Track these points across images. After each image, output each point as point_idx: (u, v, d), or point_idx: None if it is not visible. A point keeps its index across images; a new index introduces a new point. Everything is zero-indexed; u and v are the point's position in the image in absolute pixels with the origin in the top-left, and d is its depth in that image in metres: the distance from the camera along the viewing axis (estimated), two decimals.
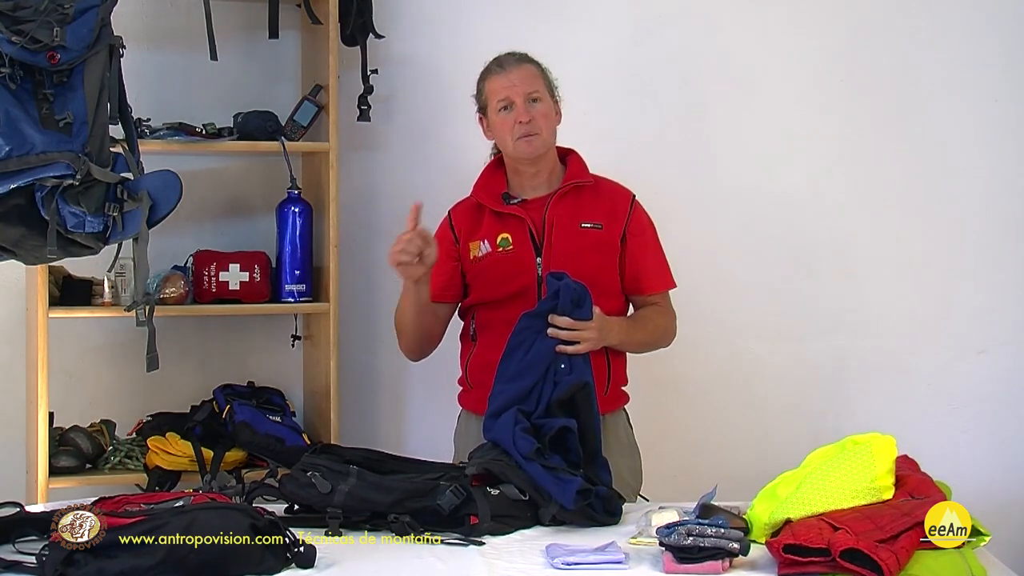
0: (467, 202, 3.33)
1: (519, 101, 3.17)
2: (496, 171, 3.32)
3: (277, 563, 2.37)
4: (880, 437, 2.63)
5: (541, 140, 3.19)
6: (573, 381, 2.86)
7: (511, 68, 3.22)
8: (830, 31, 4.23)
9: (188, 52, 3.78)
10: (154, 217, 3.00)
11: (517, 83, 3.19)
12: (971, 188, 4.29)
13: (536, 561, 2.48)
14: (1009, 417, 4.32)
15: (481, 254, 3.24)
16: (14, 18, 2.80)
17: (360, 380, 4.01)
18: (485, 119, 3.28)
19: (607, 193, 3.28)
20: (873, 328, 4.26)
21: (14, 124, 2.80)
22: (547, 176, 3.26)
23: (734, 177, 4.17)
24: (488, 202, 3.25)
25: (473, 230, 3.26)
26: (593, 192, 3.26)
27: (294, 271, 3.71)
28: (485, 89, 3.25)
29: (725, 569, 2.39)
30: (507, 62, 3.24)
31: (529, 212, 3.22)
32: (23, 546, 2.41)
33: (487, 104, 3.24)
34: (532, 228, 3.20)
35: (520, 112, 3.17)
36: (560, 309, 2.94)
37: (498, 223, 3.24)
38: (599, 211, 3.24)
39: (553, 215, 3.20)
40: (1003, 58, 4.30)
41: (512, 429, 2.77)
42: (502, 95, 3.19)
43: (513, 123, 3.17)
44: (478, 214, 3.27)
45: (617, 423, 3.28)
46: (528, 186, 3.26)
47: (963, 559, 2.40)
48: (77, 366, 3.82)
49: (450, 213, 3.33)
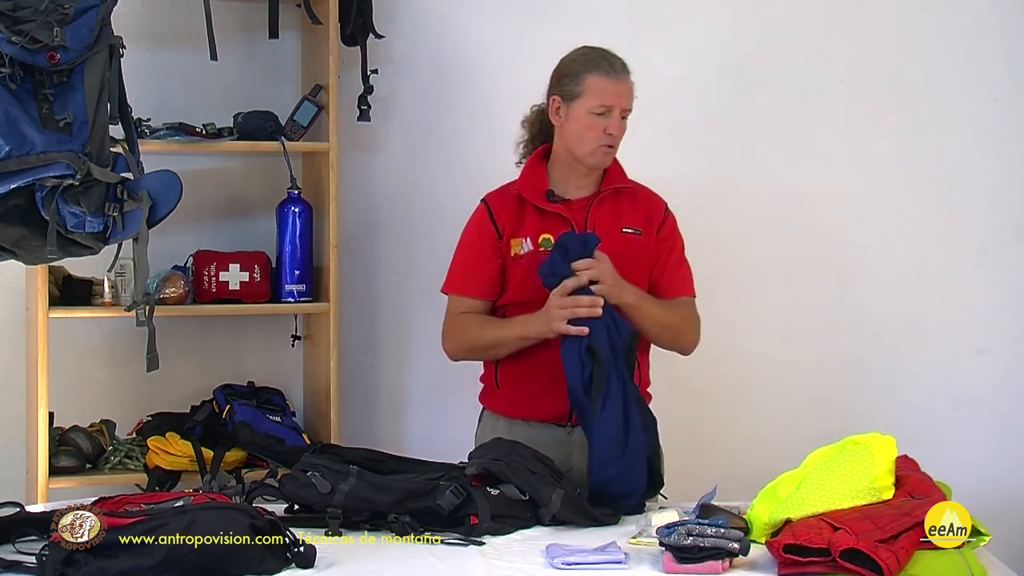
0: (507, 193, 3.25)
1: (617, 112, 3.11)
2: (539, 165, 3.24)
3: (277, 563, 2.37)
4: (880, 437, 2.63)
5: (614, 153, 3.17)
6: (629, 331, 2.94)
7: (622, 77, 3.13)
8: (830, 31, 4.23)
9: (188, 52, 3.78)
10: (154, 217, 2.99)
11: (624, 95, 3.12)
12: (971, 188, 4.30)
13: (536, 561, 2.48)
14: (1009, 417, 4.32)
15: (523, 252, 3.17)
16: (14, 18, 2.80)
17: (360, 380, 4.01)
18: (564, 106, 3.16)
19: (644, 199, 3.24)
20: (873, 328, 4.26)
21: (14, 124, 2.80)
22: (595, 177, 3.20)
23: (734, 177, 4.18)
24: (531, 198, 3.19)
25: (516, 226, 3.19)
26: (631, 197, 3.22)
27: (294, 271, 3.71)
28: (585, 82, 3.12)
29: (725, 569, 2.39)
30: (618, 67, 3.13)
31: (572, 212, 3.16)
32: (23, 546, 2.41)
33: (579, 96, 3.12)
34: (575, 229, 3.14)
35: (615, 125, 3.11)
36: (571, 255, 2.95)
37: (540, 221, 3.17)
38: (638, 217, 3.20)
39: (595, 218, 3.16)
40: (1003, 58, 4.30)
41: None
42: (607, 100, 3.10)
43: (602, 131, 3.10)
44: (520, 209, 3.20)
45: None
46: (574, 186, 3.20)
47: (963, 559, 2.40)
48: (77, 366, 3.82)
49: (489, 204, 3.25)
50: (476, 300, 3.21)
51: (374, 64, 3.86)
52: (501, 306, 3.22)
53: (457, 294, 3.24)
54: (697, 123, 4.18)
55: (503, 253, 3.19)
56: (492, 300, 3.22)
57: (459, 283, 3.25)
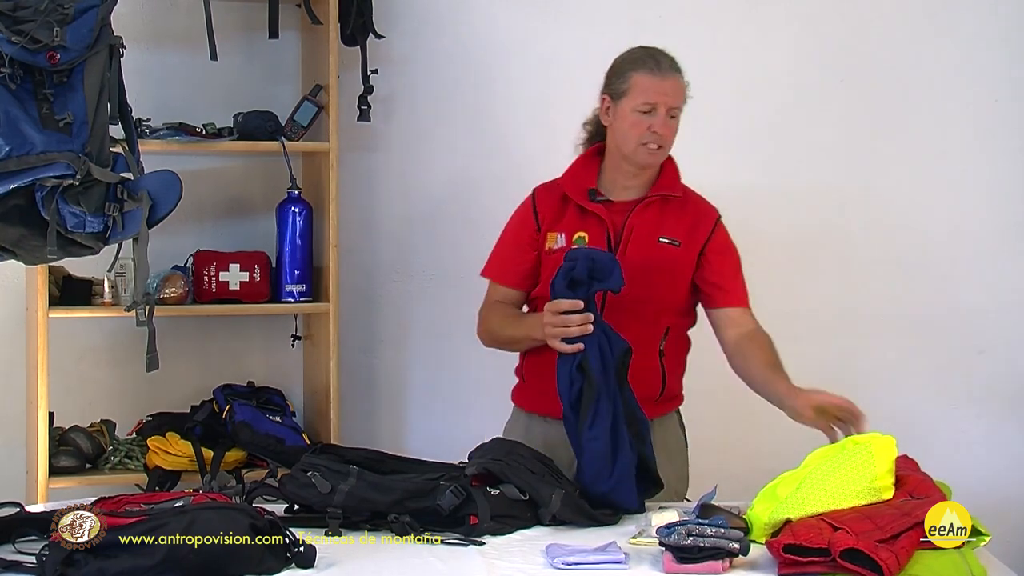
0: (553, 187, 3.22)
1: (663, 111, 3.07)
2: (590, 163, 3.22)
3: (277, 563, 2.37)
4: (880, 437, 2.63)
5: (663, 153, 3.13)
6: (622, 348, 2.87)
7: (667, 74, 3.09)
8: (830, 31, 4.23)
9: (188, 52, 3.78)
10: (154, 217, 2.99)
11: (669, 92, 3.08)
12: (971, 188, 4.30)
13: (536, 561, 2.48)
14: (1009, 417, 4.32)
15: (556, 247, 3.14)
16: (14, 18, 2.80)
17: (360, 380, 4.01)
18: (613, 105, 3.13)
19: (692, 209, 3.19)
20: (873, 328, 4.26)
21: (14, 124, 2.79)
22: (644, 180, 3.17)
23: (733, 177, 4.17)
24: (574, 195, 3.16)
25: (555, 220, 3.17)
26: (679, 206, 3.17)
27: (294, 271, 3.71)
28: (631, 80, 3.10)
29: (725, 569, 2.39)
30: (664, 64, 3.10)
31: (612, 215, 3.13)
32: (23, 546, 2.41)
33: (625, 94, 3.10)
34: (610, 232, 3.11)
35: (660, 123, 3.07)
36: (577, 275, 2.86)
37: (579, 219, 3.15)
38: (680, 227, 3.15)
39: (633, 224, 3.12)
40: (1003, 58, 4.30)
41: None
42: (651, 98, 3.07)
43: (647, 129, 3.07)
44: (563, 204, 3.18)
45: (666, 427, 3.23)
46: (621, 186, 3.16)
47: (963, 559, 2.40)
48: (77, 366, 3.82)
49: (535, 194, 3.23)
50: (509, 289, 3.21)
51: (374, 64, 3.86)
52: (534, 298, 3.21)
53: (493, 280, 3.25)
54: (697, 122, 4.16)
55: (539, 245, 3.18)
56: (525, 291, 3.21)
57: (496, 270, 3.25)
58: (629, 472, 2.84)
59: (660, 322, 3.12)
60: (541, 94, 4.09)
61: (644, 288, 3.05)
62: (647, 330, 3.11)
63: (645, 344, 3.09)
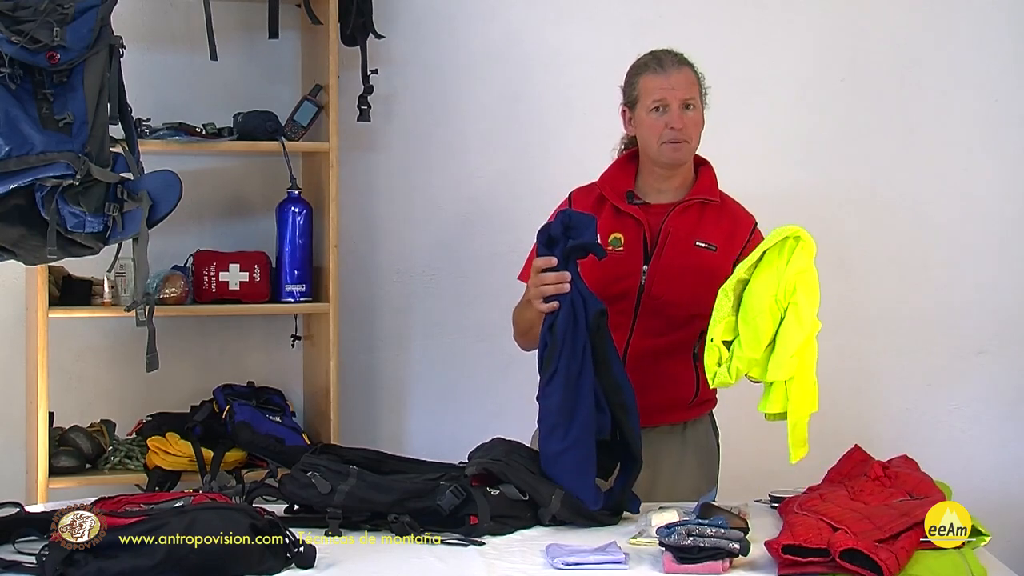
0: (591, 190, 3.21)
1: (675, 106, 3.08)
2: (627, 166, 3.22)
3: (277, 563, 2.37)
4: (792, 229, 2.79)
5: (688, 148, 3.12)
6: (596, 309, 2.80)
7: (671, 70, 3.11)
8: (830, 31, 4.23)
9: (188, 52, 3.78)
10: (154, 217, 2.99)
11: (676, 87, 3.09)
12: (971, 188, 4.30)
13: (536, 561, 2.48)
14: (1009, 417, 4.32)
15: None
16: (14, 18, 2.80)
17: (360, 380, 4.01)
18: (631, 113, 3.16)
19: (730, 215, 3.20)
20: (873, 328, 4.26)
21: (14, 124, 2.80)
22: (678, 183, 3.17)
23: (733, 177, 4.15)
24: (611, 197, 3.16)
25: None
26: (717, 211, 3.17)
27: (294, 271, 3.71)
28: (638, 85, 3.13)
29: (725, 569, 2.39)
30: (666, 62, 3.12)
31: (648, 217, 3.12)
32: (23, 546, 2.41)
33: (637, 100, 3.13)
34: (647, 234, 3.11)
35: (674, 118, 3.07)
36: (553, 232, 2.83)
37: (615, 220, 3.14)
38: (718, 232, 3.15)
39: (670, 226, 3.11)
40: (1003, 58, 4.30)
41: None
42: (658, 96, 3.09)
43: (664, 126, 3.08)
44: (599, 206, 3.16)
45: (699, 430, 3.22)
46: (656, 189, 3.16)
47: (963, 559, 2.40)
48: (77, 366, 3.82)
49: (572, 197, 3.23)
50: None
51: (374, 64, 3.86)
52: None
53: (526, 283, 3.23)
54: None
55: None
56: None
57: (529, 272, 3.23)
58: (588, 438, 2.77)
59: (695, 326, 3.09)
60: (541, 94, 4.09)
61: (679, 291, 3.05)
62: (682, 334, 3.11)
63: (680, 348, 3.11)
